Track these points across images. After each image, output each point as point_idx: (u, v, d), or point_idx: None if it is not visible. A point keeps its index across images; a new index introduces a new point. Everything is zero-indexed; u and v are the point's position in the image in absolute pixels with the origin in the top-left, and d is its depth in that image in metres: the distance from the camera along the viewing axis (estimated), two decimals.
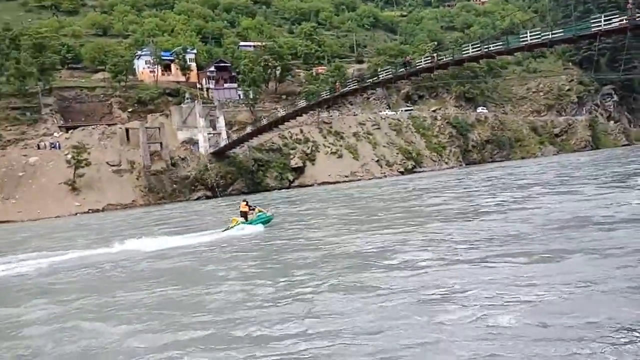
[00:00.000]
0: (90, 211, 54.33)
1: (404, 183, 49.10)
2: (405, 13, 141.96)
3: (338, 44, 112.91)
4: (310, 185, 68.19)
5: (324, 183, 68.59)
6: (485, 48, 41.85)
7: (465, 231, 15.69)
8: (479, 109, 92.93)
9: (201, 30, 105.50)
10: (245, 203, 22.77)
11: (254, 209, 22.72)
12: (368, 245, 15.15)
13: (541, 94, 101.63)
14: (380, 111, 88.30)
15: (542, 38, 38.20)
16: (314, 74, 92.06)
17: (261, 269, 13.67)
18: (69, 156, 57.35)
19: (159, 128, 64.78)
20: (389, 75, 49.70)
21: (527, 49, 41.29)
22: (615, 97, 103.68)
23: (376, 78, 51.96)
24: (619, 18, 33.80)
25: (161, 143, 63.43)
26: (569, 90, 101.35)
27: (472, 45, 44.56)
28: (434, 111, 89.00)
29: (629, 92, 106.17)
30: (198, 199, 60.54)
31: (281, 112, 61.94)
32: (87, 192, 56.49)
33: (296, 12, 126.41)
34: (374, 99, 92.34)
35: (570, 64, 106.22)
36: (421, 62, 47.31)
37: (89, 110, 73.80)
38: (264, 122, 62.53)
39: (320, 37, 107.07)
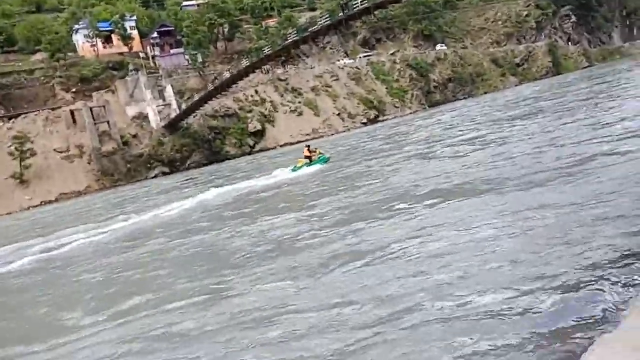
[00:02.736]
0: (42, 203, 51.68)
1: None
2: None
3: None
4: (272, 149, 66.29)
5: (286, 144, 66.65)
6: None
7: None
8: (438, 46, 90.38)
9: None
10: (307, 148, 27.98)
11: (315, 151, 27.72)
12: None
13: (499, 22, 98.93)
14: (338, 60, 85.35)
15: None
16: (264, 27, 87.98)
17: None
18: (12, 148, 54.17)
19: (104, 106, 61.46)
20: (327, 22, 47.03)
21: None
22: (574, 18, 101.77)
23: (316, 27, 49.22)
24: None
25: (109, 122, 60.33)
26: (527, 15, 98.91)
27: None
28: (392, 54, 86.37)
29: (586, 12, 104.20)
30: (155, 176, 58.19)
31: (226, 75, 58.89)
32: (37, 183, 53.79)
33: None
34: (330, 48, 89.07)
35: None
36: (357, 3, 44.41)
37: (31, 95, 69.44)
38: (210, 87, 59.52)
39: None
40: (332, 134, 68.51)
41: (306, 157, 27.19)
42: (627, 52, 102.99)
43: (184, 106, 62.72)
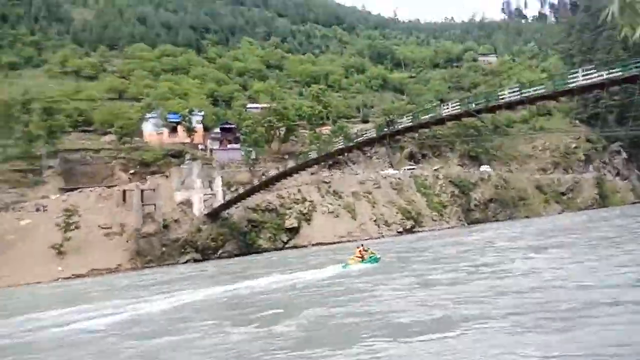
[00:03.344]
0: (72, 276, 52.99)
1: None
2: (413, 74, 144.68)
3: (345, 105, 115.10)
4: (304, 247, 67.42)
5: (318, 244, 67.65)
6: (465, 107, 41.82)
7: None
8: (483, 168, 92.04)
9: (213, 94, 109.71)
10: (361, 247, 30.47)
11: (367, 251, 30.11)
12: None
13: (547, 152, 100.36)
14: (383, 170, 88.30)
15: (521, 96, 38.05)
16: (317, 133, 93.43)
17: None
18: (60, 219, 57.98)
19: (154, 189, 65.79)
20: (372, 136, 49.90)
21: (505, 107, 40.96)
22: (624, 155, 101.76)
23: (361, 138, 52.18)
24: (598, 74, 33.42)
25: (155, 204, 64.17)
26: (576, 147, 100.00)
27: (452, 104, 44.53)
28: (435, 170, 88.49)
29: (637, 149, 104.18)
30: (186, 262, 59.89)
31: (272, 173, 62.35)
32: (73, 256, 55.63)
33: (307, 76, 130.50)
34: (377, 158, 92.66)
35: (578, 121, 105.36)
36: (402, 122, 47.13)
37: (92, 172, 75.67)
38: (255, 182, 62.93)
39: (328, 98, 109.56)
40: (366, 239, 68.86)
41: (357, 256, 29.32)
42: None
43: (228, 197, 66.04)
